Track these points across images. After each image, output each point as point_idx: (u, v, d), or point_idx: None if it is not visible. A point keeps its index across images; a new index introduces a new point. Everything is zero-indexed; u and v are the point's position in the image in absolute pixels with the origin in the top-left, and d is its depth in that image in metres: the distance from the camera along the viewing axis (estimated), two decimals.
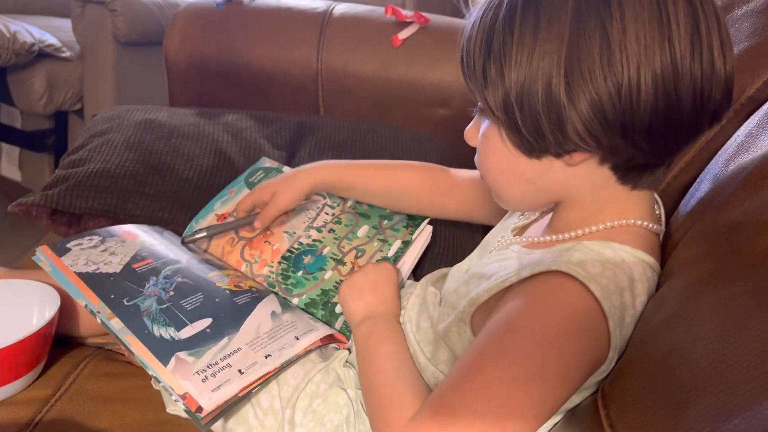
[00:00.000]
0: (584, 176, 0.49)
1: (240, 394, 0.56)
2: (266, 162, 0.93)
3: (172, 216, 0.89)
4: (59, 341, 0.71)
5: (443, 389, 0.45)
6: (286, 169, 0.90)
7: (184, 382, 0.55)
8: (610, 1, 0.42)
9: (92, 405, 0.65)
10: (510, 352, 0.44)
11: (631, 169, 0.48)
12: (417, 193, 0.76)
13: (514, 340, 0.44)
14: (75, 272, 0.66)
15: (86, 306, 0.63)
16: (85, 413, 0.64)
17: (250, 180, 0.88)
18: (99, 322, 0.62)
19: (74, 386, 0.67)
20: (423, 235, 0.79)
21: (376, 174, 0.76)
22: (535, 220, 0.61)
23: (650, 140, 0.45)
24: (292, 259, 0.75)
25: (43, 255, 0.69)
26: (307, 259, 0.75)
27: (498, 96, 0.46)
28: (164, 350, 0.58)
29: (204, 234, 0.76)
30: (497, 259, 0.55)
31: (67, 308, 0.71)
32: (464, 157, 1.23)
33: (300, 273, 0.74)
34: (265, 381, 0.58)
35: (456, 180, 0.75)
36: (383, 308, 0.59)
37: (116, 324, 0.61)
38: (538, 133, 0.46)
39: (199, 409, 0.54)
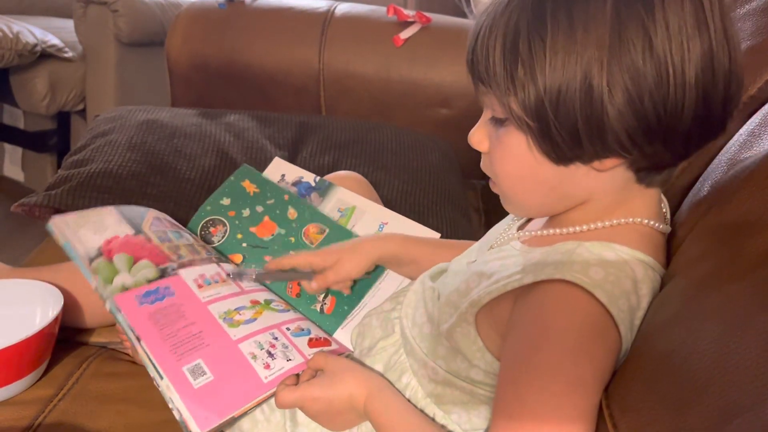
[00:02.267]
0: (608, 179, 0.48)
1: (236, 415, 0.55)
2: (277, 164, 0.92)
3: (175, 216, 0.89)
4: (62, 340, 0.72)
5: (495, 428, 0.45)
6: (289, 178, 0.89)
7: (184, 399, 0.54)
8: (652, 7, 0.42)
9: (95, 405, 0.65)
10: (542, 371, 0.44)
11: (654, 170, 0.48)
12: None
13: (542, 359, 0.44)
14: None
15: (96, 289, 0.60)
16: (88, 413, 0.64)
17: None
18: (107, 308, 0.60)
19: (77, 386, 0.68)
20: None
21: (441, 252, 0.72)
22: None
23: (687, 143, 0.45)
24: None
25: (55, 228, 0.65)
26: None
27: (529, 102, 0.44)
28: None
29: (267, 281, 0.70)
30: (498, 256, 0.55)
31: (71, 302, 0.71)
32: (465, 157, 1.24)
33: None
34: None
35: None
36: (357, 408, 0.56)
37: (123, 321, 0.59)
38: (574, 141, 0.45)
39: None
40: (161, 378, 0.55)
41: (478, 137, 0.53)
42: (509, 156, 0.50)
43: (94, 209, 0.71)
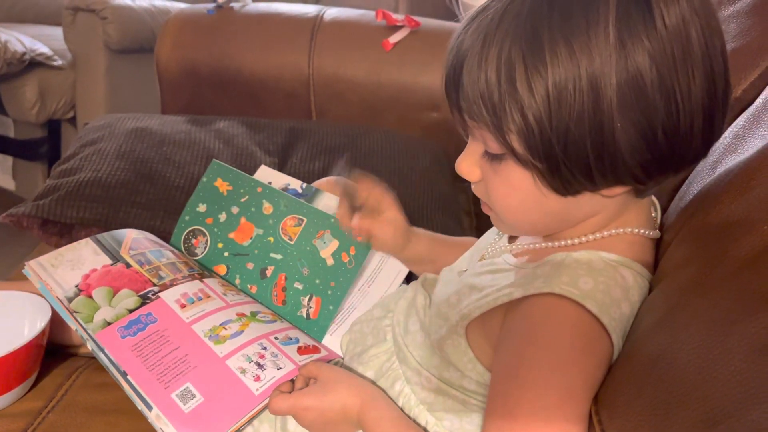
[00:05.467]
0: (611, 201, 0.47)
1: None
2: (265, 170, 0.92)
3: (164, 224, 0.89)
4: (51, 352, 0.71)
5: None
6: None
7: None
8: (656, 37, 0.40)
9: (85, 416, 0.65)
10: (532, 385, 0.43)
11: (654, 186, 0.48)
12: None
13: (532, 372, 0.44)
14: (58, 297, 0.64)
15: (76, 330, 0.62)
16: (78, 425, 0.64)
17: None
18: (90, 348, 0.61)
19: (66, 397, 0.67)
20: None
21: (455, 252, 0.69)
22: None
23: (694, 161, 0.46)
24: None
25: (31, 271, 0.67)
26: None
27: (535, 142, 0.42)
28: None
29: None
30: (489, 269, 0.54)
31: (59, 318, 0.70)
32: (456, 160, 1.24)
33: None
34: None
35: None
36: (350, 419, 0.55)
37: (104, 358, 0.59)
38: (586, 177, 0.43)
39: None
40: (150, 410, 0.55)
41: (467, 167, 0.50)
42: (512, 190, 0.48)
43: (69, 246, 0.71)
